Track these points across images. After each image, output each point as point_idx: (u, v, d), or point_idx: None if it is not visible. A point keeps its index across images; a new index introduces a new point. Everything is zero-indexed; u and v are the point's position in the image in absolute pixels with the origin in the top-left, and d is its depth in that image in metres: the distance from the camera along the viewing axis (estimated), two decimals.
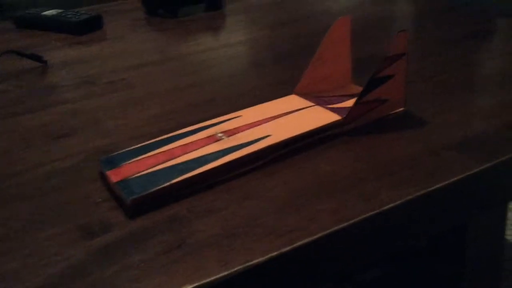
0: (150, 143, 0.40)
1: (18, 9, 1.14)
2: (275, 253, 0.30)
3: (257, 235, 0.31)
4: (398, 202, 0.34)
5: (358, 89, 0.47)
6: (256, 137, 0.39)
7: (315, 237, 0.31)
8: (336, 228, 0.32)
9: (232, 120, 0.42)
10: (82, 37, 0.75)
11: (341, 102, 0.45)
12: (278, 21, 0.76)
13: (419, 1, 0.81)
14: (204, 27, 0.76)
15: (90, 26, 0.77)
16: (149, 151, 0.39)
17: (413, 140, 0.41)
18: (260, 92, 0.52)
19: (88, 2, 1.01)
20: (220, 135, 0.40)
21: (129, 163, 0.37)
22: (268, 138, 0.39)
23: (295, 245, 0.30)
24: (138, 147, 0.40)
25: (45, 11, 0.81)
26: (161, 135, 0.42)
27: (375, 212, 0.33)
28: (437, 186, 0.35)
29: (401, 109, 0.45)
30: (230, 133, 0.40)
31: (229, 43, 0.68)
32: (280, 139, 0.39)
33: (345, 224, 0.32)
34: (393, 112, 0.44)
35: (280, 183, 0.36)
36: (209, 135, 0.40)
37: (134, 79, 0.58)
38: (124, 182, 0.35)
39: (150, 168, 0.36)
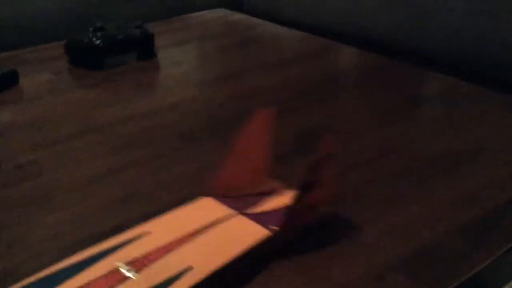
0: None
1: None
2: None
3: None
4: None
5: (271, 183, 0.42)
6: (174, 272, 0.32)
7: None
8: None
9: (140, 240, 0.35)
10: None
11: (261, 203, 0.40)
12: (212, 76, 0.71)
13: (360, 55, 0.78)
14: (134, 83, 0.69)
15: (4, 83, 0.68)
16: None
17: (353, 259, 0.36)
18: (181, 186, 0.46)
19: (6, 46, 0.93)
20: (125, 270, 0.32)
21: None
22: (189, 272, 0.33)
23: None
24: None
25: None
26: (61, 256, 0.35)
27: None
28: None
29: (330, 212, 0.40)
30: (138, 264, 0.33)
31: (159, 107, 0.62)
32: (204, 273, 0.32)
33: None
34: (323, 217, 0.39)
35: None
36: (111, 269, 0.32)
37: (45, 161, 0.50)
38: None
39: None
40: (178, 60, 0.78)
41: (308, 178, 0.36)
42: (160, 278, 0.32)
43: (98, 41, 0.72)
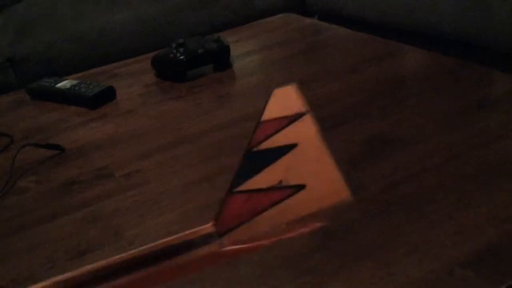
0: None
1: (30, 63, 1.16)
2: None
3: None
4: None
5: None
6: None
7: None
8: None
9: None
10: (96, 111, 0.76)
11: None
12: (284, 85, 0.77)
13: (414, 62, 0.81)
14: (214, 95, 0.77)
15: (103, 99, 0.78)
16: None
17: (425, 256, 0.41)
18: None
19: (100, 60, 1.03)
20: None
21: None
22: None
23: None
24: None
25: (58, 82, 0.83)
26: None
27: None
28: None
29: (343, 201, 0.29)
30: None
31: (238, 118, 0.68)
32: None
33: None
34: (331, 204, 0.30)
35: None
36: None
37: (148, 170, 0.59)
38: None
39: None
40: (251, 70, 0.85)
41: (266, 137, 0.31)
42: None
43: (181, 56, 0.80)
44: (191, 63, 0.81)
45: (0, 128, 0.75)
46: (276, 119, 0.29)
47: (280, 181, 0.26)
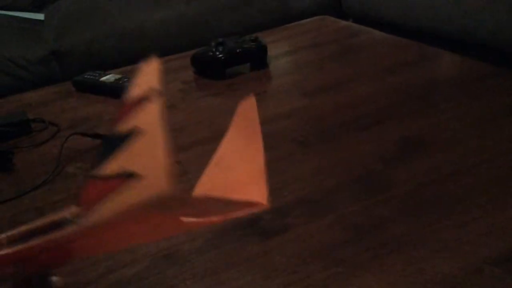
0: None
1: (73, 57, 1.21)
2: None
3: None
4: None
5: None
6: None
7: None
8: None
9: None
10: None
11: None
12: (319, 85, 0.79)
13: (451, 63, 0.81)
14: (252, 92, 0.79)
15: None
16: None
17: (455, 254, 0.43)
18: (300, 186, 0.55)
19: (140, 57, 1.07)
20: None
21: None
22: None
23: None
24: None
25: (103, 75, 0.87)
26: None
27: None
28: None
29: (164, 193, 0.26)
30: None
31: (275, 115, 0.71)
32: None
33: None
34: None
35: None
36: None
37: (188, 162, 0.62)
38: None
39: None
40: (288, 70, 0.87)
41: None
42: None
43: (220, 55, 0.83)
44: (229, 61, 0.84)
45: (48, 117, 0.79)
46: (134, 99, 0.30)
47: (120, 169, 0.27)
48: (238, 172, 0.35)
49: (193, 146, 0.65)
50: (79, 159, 0.66)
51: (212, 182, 0.35)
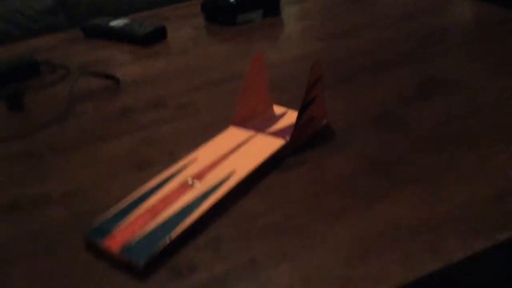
0: (132, 201, 0.43)
1: (80, 7, 1.19)
2: None
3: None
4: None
5: (281, 109, 0.56)
6: (223, 176, 0.45)
7: None
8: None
9: (193, 164, 0.47)
10: (148, 49, 0.79)
11: (274, 124, 0.52)
12: (334, 31, 0.77)
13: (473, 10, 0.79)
14: (264, 37, 0.78)
15: (155, 37, 0.80)
16: (133, 210, 0.41)
17: (476, 182, 0.42)
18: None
19: (150, 5, 1.05)
20: (191, 181, 0.45)
21: (120, 228, 0.40)
22: (234, 175, 0.45)
23: None
24: (122, 209, 0.42)
25: (112, 20, 0.85)
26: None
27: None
28: None
29: (324, 122, 0.53)
30: (198, 177, 0.45)
31: (288, 58, 0.69)
32: (245, 173, 0.45)
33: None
34: (319, 125, 0.52)
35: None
36: (181, 182, 0.45)
37: (199, 102, 0.61)
38: (127, 249, 0.37)
39: (142, 229, 0.39)
40: (301, 16, 0.85)
41: (306, 98, 0.47)
42: (214, 182, 0.45)
43: (232, 0, 0.81)
44: (241, 7, 0.82)
45: (57, 61, 0.78)
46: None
47: None
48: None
49: (206, 86, 0.64)
50: (90, 99, 0.65)
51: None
